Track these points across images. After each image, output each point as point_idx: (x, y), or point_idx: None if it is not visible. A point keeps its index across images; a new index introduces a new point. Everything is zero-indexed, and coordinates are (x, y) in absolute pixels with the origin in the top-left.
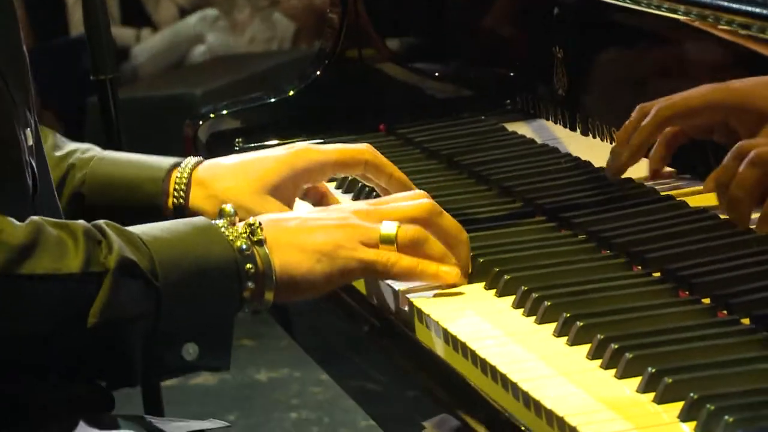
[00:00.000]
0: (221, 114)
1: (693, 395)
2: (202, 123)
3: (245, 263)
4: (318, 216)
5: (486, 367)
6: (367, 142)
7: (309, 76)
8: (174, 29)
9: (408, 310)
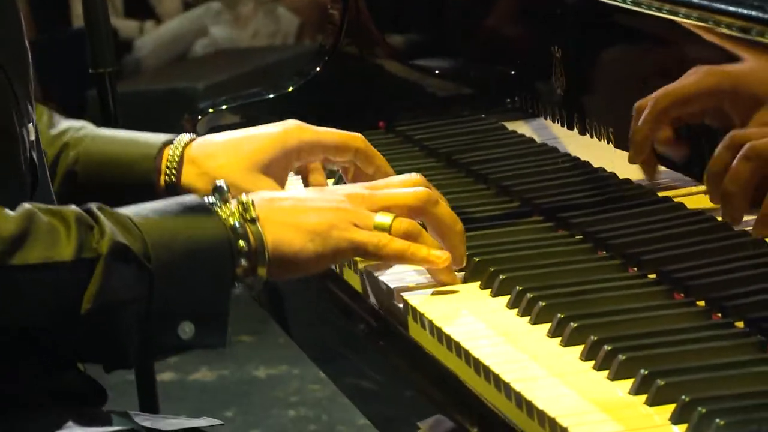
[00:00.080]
0: (220, 109)
1: (685, 398)
2: (200, 118)
3: (238, 241)
4: (312, 197)
5: (479, 367)
6: (366, 139)
7: (308, 72)
8: (177, 22)
9: (402, 308)
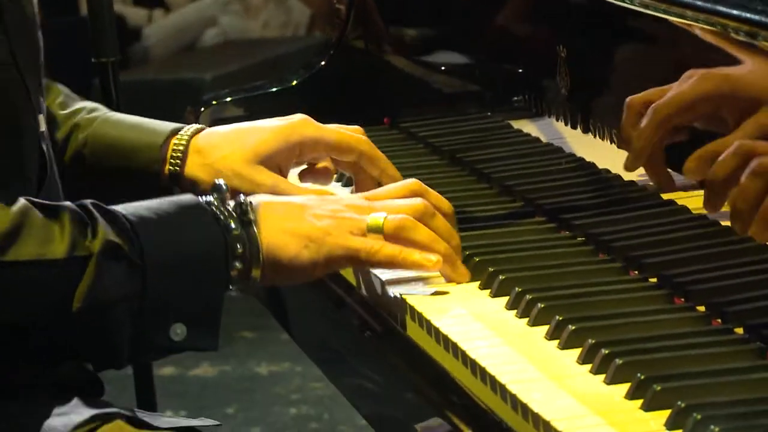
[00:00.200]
0: (223, 101)
1: (681, 403)
2: (204, 110)
3: (233, 244)
4: (311, 203)
5: (476, 368)
6: (370, 135)
7: (313, 65)
8: (187, 11)
9: (401, 307)
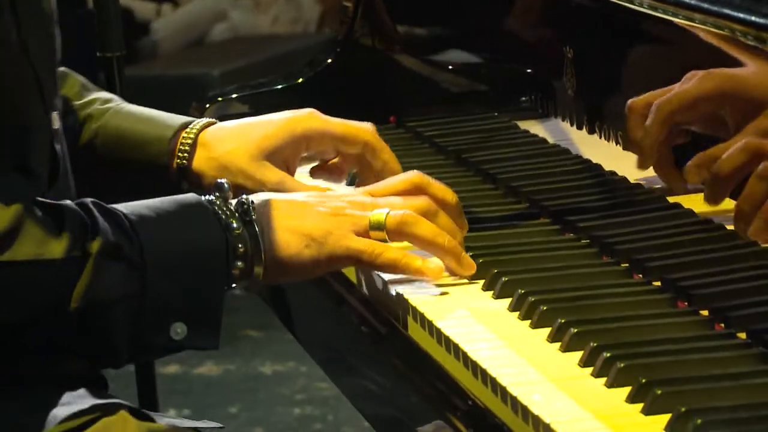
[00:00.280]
0: (229, 98)
1: (681, 408)
2: (208, 106)
3: (235, 243)
4: (313, 201)
5: (477, 370)
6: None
7: (320, 63)
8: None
9: (402, 307)
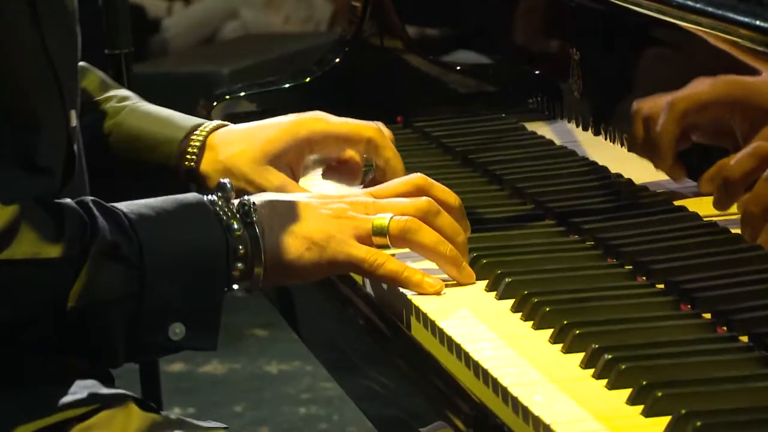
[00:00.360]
0: (237, 96)
1: (681, 410)
2: (215, 104)
3: (235, 244)
4: (315, 203)
5: (478, 370)
6: None
7: (328, 62)
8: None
9: (406, 307)
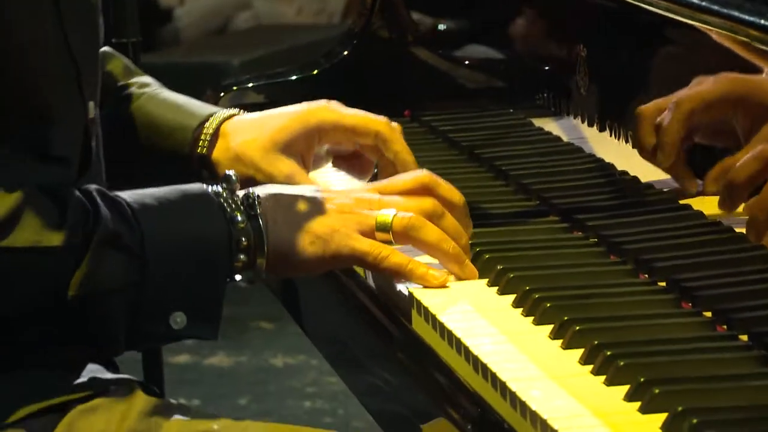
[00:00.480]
0: (244, 87)
1: (678, 407)
2: (223, 94)
3: (238, 236)
4: (320, 196)
5: (478, 364)
6: None
7: (336, 55)
8: None
9: (408, 301)
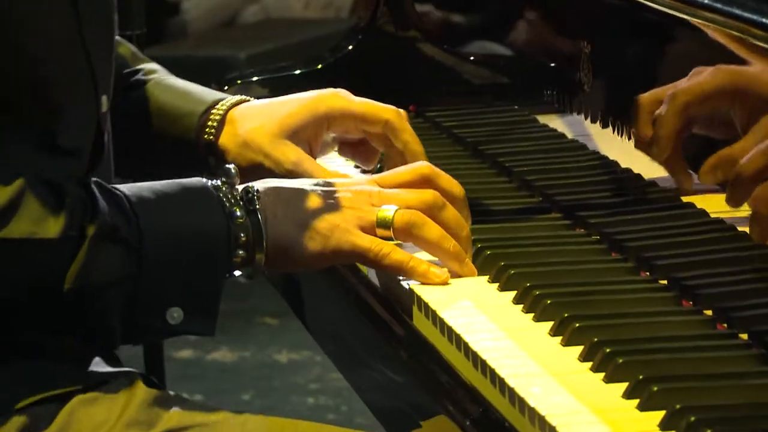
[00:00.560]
0: (248, 81)
1: (676, 405)
2: (227, 88)
3: (237, 232)
4: (320, 190)
5: (477, 361)
6: None
7: (341, 49)
8: None
9: (408, 297)
